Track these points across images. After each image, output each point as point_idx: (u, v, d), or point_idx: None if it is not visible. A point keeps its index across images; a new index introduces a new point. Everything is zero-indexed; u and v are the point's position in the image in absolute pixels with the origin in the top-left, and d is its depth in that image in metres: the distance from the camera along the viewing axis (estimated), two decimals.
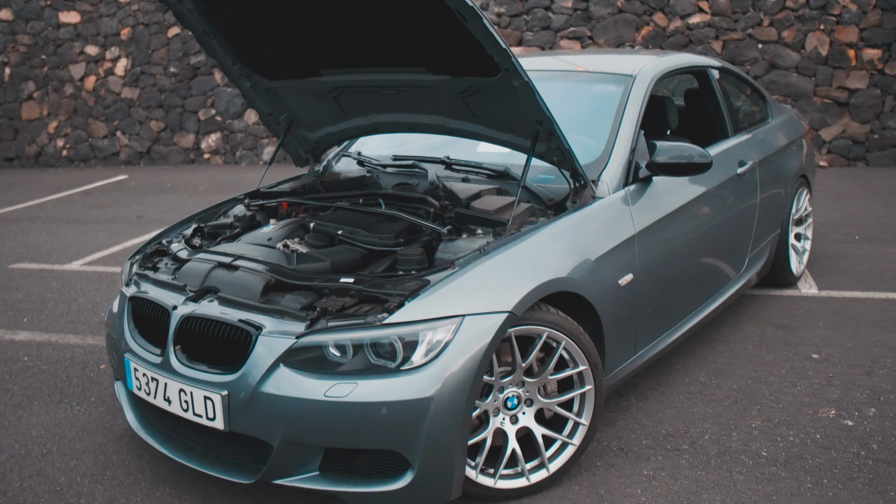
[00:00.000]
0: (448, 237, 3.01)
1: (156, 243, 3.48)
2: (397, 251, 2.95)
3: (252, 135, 11.47)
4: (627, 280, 3.27)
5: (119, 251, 6.87)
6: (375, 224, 3.17)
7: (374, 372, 2.54)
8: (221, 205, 3.86)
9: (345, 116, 3.77)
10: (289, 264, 2.89)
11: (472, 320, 2.60)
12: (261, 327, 2.62)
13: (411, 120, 3.56)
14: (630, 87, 3.82)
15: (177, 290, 2.92)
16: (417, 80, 3.25)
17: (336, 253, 3.01)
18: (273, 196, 3.76)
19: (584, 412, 2.98)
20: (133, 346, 2.98)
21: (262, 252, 3.02)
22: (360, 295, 2.68)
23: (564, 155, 3.17)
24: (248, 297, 2.75)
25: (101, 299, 5.53)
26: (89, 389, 4.04)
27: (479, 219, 3.11)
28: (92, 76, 12.04)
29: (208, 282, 2.90)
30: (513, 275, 2.80)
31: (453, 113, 3.39)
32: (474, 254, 2.83)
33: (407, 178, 3.76)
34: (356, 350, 2.56)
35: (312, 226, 3.22)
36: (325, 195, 3.65)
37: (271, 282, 2.78)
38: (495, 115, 3.27)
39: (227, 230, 3.50)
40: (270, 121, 3.97)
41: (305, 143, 4.08)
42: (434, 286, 2.65)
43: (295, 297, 2.73)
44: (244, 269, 2.86)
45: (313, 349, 2.58)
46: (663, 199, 3.64)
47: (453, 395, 2.53)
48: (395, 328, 2.53)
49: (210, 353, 2.73)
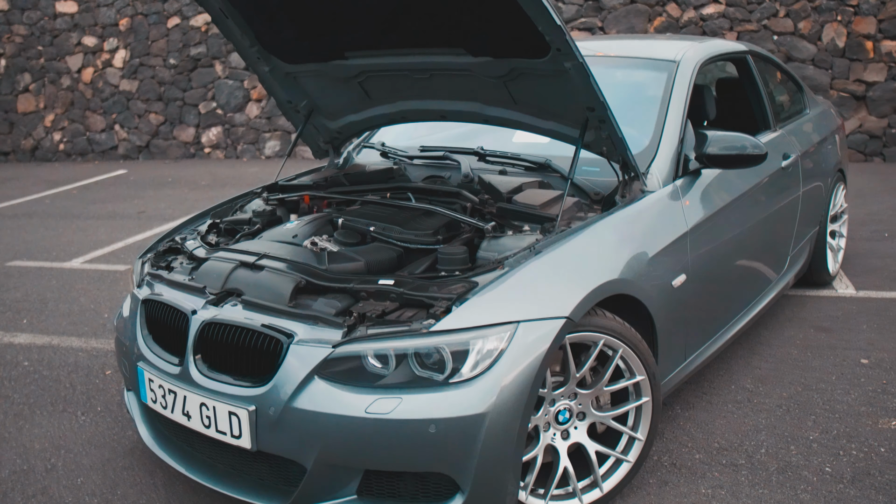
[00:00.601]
0: (492, 234, 2.75)
1: (168, 240, 3.22)
2: (438, 250, 2.69)
3: (254, 128, 11.19)
4: (681, 281, 3.02)
5: (121, 248, 6.60)
6: (410, 220, 2.91)
7: (419, 385, 2.28)
8: (237, 199, 3.60)
9: (370, 104, 3.51)
10: (319, 264, 2.63)
11: (526, 327, 2.34)
12: (292, 335, 2.36)
13: (444, 107, 3.30)
14: (674, 73, 3.56)
15: (195, 293, 2.66)
16: (454, 63, 2.99)
17: (370, 251, 2.75)
18: (293, 190, 3.50)
19: (640, 426, 2.73)
20: (147, 355, 2.72)
21: (289, 250, 2.76)
22: (401, 299, 2.42)
23: (615, 145, 2.91)
24: (276, 300, 2.49)
25: (103, 299, 5.26)
26: (95, 397, 3.77)
27: (523, 214, 2.86)
28: (89, 68, 11.73)
29: (230, 283, 2.64)
30: (568, 276, 2.55)
31: (491, 99, 3.13)
32: (524, 252, 2.57)
33: (437, 170, 3.50)
34: (399, 361, 2.30)
35: (341, 222, 2.96)
36: (350, 189, 3.39)
37: (301, 283, 2.52)
38: (539, 102, 3.01)
39: (245, 226, 3.24)
40: (289, 108, 3.70)
41: (326, 133, 3.81)
42: (483, 289, 2.39)
43: (328, 300, 2.47)
44: (270, 269, 2.60)
45: (351, 359, 2.32)
46: (713, 194, 3.39)
47: (508, 410, 2.28)
48: (443, 336, 2.27)
49: (234, 362, 2.47)
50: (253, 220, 3.25)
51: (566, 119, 3.00)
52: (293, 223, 3.02)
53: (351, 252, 2.72)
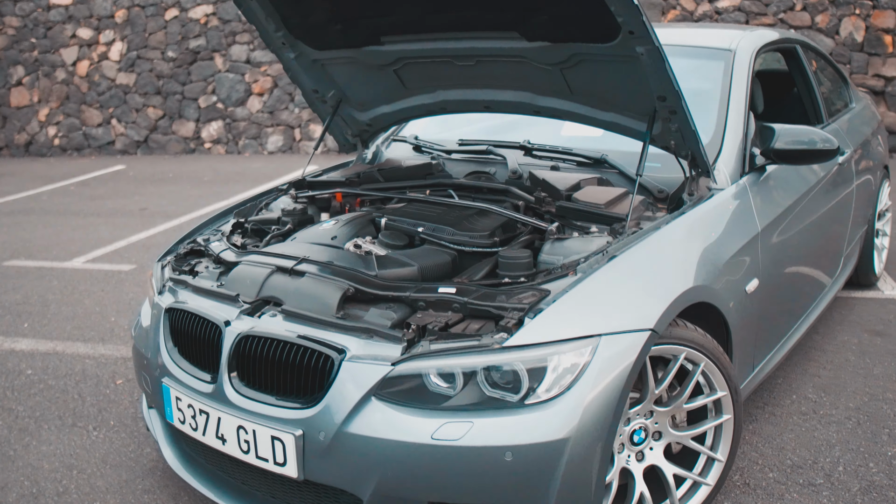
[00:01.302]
0: (556, 236, 2.49)
1: (189, 242, 2.94)
2: (498, 253, 2.42)
3: (256, 123, 10.88)
4: (754, 286, 2.77)
5: (124, 247, 6.31)
6: (461, 220, 2.64)
7: (491, 407, 2.02)
8: (261, 196, 3.32)
9: (406, 93, 3.24)
10: (367, 269, 2.36)
11: (609, 341, 2.08)
12: (344, 350, 2.10)
13: (489, 97, 3.03)
14: (731, 62, 3.30)
15: (227, 301, 2.39)
16: (505, 48, 2.72)
17: (422, 255, 2.48)
18: (323, 186, 3.22)
19: (720, 446, 2.48)
20: (173, 370, 2.44)
21: (330, 254, 2.49)
22: (465, 309, 2.16)
23: (685, 138, 2.65)
24: (322, 310, 2.22)
25: (109, 301, 4.98)
26: (107, 410, 3.49)
27: (588, 214, 2.59)
28: (85, 61, 11.39)
29: (266, 291, 2.37)
30: (647, 283, 2.29)
31: (544, 88, 2.87)
32: (596, 256, 2.31)
33: (480, 165, 3.23)
34: (467, 380, 2.04)
35: (385, 222, 2.69)
36: (385, 186, 3.12)
37: (349, 292, 2.25)
38: (599, 91, 2.75)
39: (274, 226, 2.97)
40: (315, 99, 3.43)
41: (354, 126, 3.54)
42: (557, 298, 2.13)
43: (382, 311, 2.20)
44: (312, 275, 2.33)
45: (411, 378, 2.06)
46: (780, 192, 3.15)
47: (591, 435, 2.02)
48: (518, 352, 2.01)
49: (275, 380, 2.20)
50: (282, 219, 2.97)
51: (630, 110, 2.74)
52: (330, 223, 2.75)
53: (402, 256, 2.45)
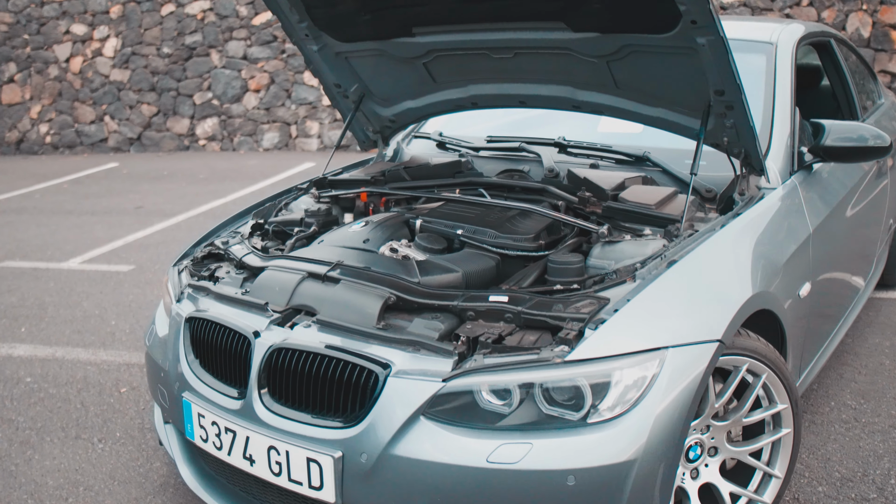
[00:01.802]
0: (607, 238, 2.32)
1: (207, 245, 2.76)
2: (548, 258, 2.26)
3: (251, 120, 10.67)
4: (807, 291, 2.62)
5: (121, 246, 6.10)
6: (502, 222, 2.47)
7: (550, 427, 1.85)
8: (280, 196, 3.14)
9: (434, 88, 3.06)
10: (408, 275, 2.19)
11: (676, 354, 1.92)
12: (388, 365, 1.92)
13: (525, 92, 2.86)
14: (774, 56, 3.14)
15: (255, 310, 2.21)
16: (548, 39, 2.55)
17: (464, 260, 2.31)
18: (346, 185, 3.04)
19: (777, 462, 2.32)
20: (195, 384, 2.26)
21: (364, 259, 2.32)
22: (518, 319, 1.99)
23: (740, 135, 2.49)
24: (361, 321, 2.05)
25: (108, 304, 4.78)
26: (112, 420, 3.30)
27: (636, 215, 2.43)
28: (78, 57, 11.14)
29: (297, 299, 2.19)
30: (709, 290, 2.13)
31: (587, 82, 2.70)
32: (654, 261, 2.14)
33: (513, 163, 3.06)
34: (523, 396, 1.87)
35: (420, 224, 2.52)
36: (414, 184, 2.95)
37: (390, 300, 2.08)
38: (647, 85, 2.58)
39: (297, 228, 2.79)
40: (336, 93, 3.25)
41: (376, 121, 3.36)
42: (618, 307, 1.96)
43: (428, 321, 2.03)
44: (348, 281, 2.15)
45: (462, 395, 1.88)
46: (828, 192, 3.00)
47: (658, 455, 1.85)
48: (581, 367, 1.84)
49: (310, 396, 2.02)
50: (306, 220, 2.79)
51: (679, 105, 2.57)
52: (360, 225, 2.57)
53: (445, 261, 2.28)
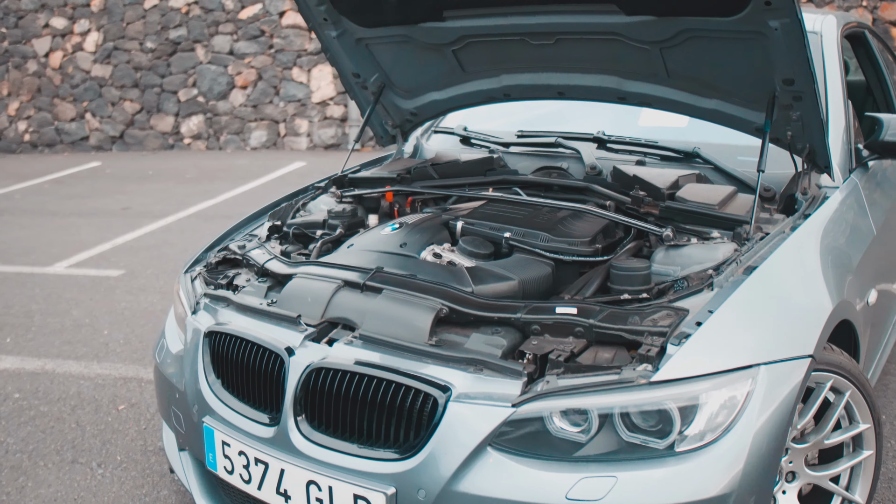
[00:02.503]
0: (673, 242, 2.11)
1: (220, 249, 2.51)
2: (610, 263, 2.04)
3: (238, 117, 10.38)
4: (874, 298, 2.43)
5: (109, 250, 5.81)
6: (553, 224, 2.25)
7: (633, 456, 1.63)
8: (296, 195, 2.90)
9: (463, 78, 2.83)
10: (459, 284, 1.96)
11: (769, 372, 1.71)
12: (448, 387, 1.69)
13: (565, 82, 2.63)
14: (821, 46, 2.94)
15: (285, 324, 1.97)
16: (595, 24, 2.33)
17: (518, 266, 2.08)
18: (370, 184, 2.81)
19: (858, 487, 2.11)
20: (217, 408, 2.01)
21: (404, 265, 2.08)
22: (590, 334, 1.77)
23: (806, 129, 2.29)
24: (411, 336, 1.82)
25: (99, 311, 4.50)
26: (111, 442, 3.04)
27: (700, 216, 2.21)
28: (58, 52, 10.79)
29: (333, 311, 1.96)
30: (796, 300, 1.93)
31: (635, 71, 2.48)
32: (730, 268, 1.93)
33: (549, 160, 2.84)
34: (601, 422, 1.65)
35: (461, 226, 2.29)
36: (443, 183, 2.73)
37: (442, 312, 1.85)
38: (703, 74, 2.37)
39: (320, 230, 2.55)
40: (354, 84, 3.01)
41: (397, 115, 3.12)
42: (702, 319, 1.75)
43: (487, 337, 1.80)
44: (391, 291, 1.92)
45: (531, 421, 1.66)
46: (884, 190, 2.81)
47: (754, 486, 1.65)
48: (669, 388, 1.63)
49: (356, 424, 1.79)
50: (329, 222, 2.56)
51: (737, 96, 2.36)
52: (393, 227, 2.33)
53: (498, 268, 2.05)
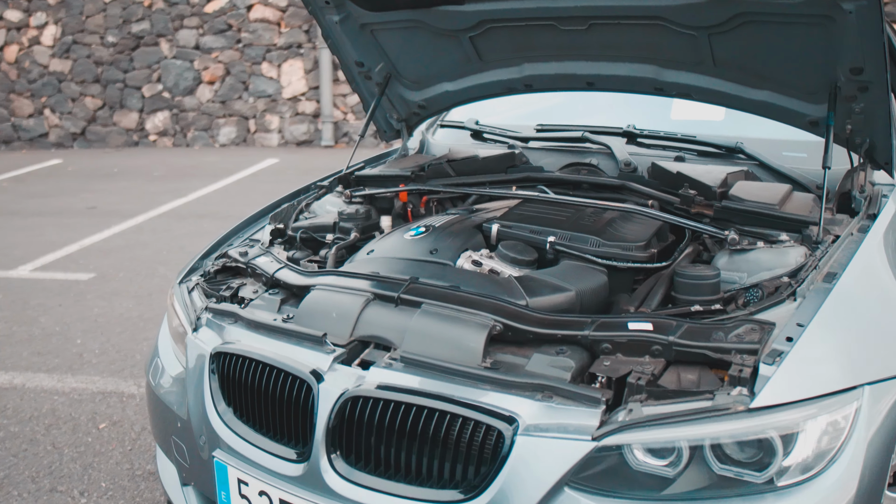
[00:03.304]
0: (740, 246, 1.90)
1: (219, 256, 2.25)
2: (674, 270, 1.83)
3: (206, 113, 10.02)
4: None
5: (77, 251, 5.47)
6: (603, 226, 2.03)
7: (729, 493, 1.42)
8: (297, 195, 2.65)
9: (480, 67, 2.60)
10: (510, 296, 1.72)
11: (874, 392, 1.51)
12: (514, 418, 1.46)
13: (596, 71, 2.42)
14: None
15: (308, 343, 1.72)
16: (637, 7, 2.12)
17: (571, 275, 1.85)
18: (380, 182, 2.57)
19: None
20: (231, 441, 1.76)
21: (442, 274, 1.85)
22: (668, 352, 1.55)
23: (870, 122, 2.10)
24: (461, 358, 1.58)
25: (71, 318, 4.19)
26: (94, 467, 2.76)
27: (762, 217, 2.01)
28: (13, 45, 10.30)
29: (364, 328, 1.72)
30: (889, 310, 1.73)
31: (677, 60, 2.28)
32: (810, 275, 1.73)
33: (574, 155, 2.63)
34: (692, 455, 1.44)
35: (497, 230, 2.06)
36: (463, 181, 2.50)
37: (496, 329, 1.62)
38: (755, 63, 2.17)
39: (332, 234, 2.31)
40: (358, 74, 2.76)
41: (403, 108, 2.88)
42: (794, 335, 1.54)
43: (552, 357, 1.58)
44: (432, 305, 1.69)
45: (610, 455, 1.44)
46: None
47: None
48: (769, 415, 1.42)
49: (403, 460, 1.55)
50: (341, 225, 2.31)
51: (792, 87, 2.17)
52: (419, 231, 2.09)
53: (553, 277, 1.82)
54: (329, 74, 9.50)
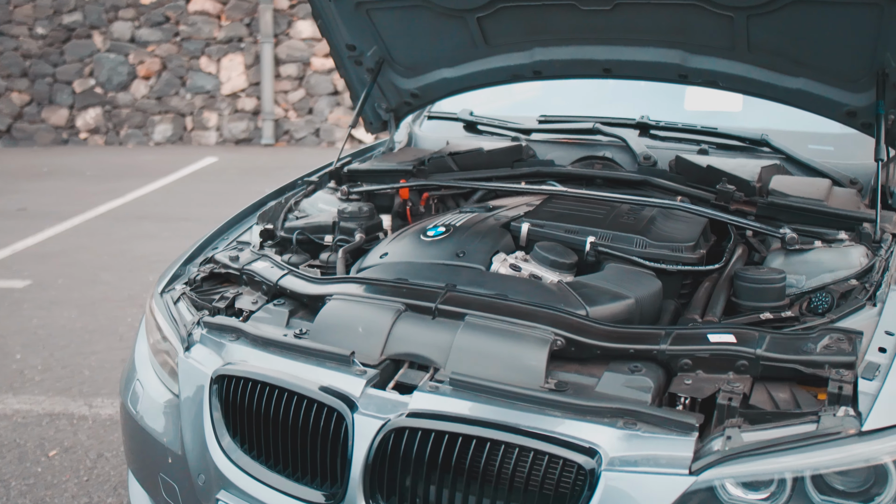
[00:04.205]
0: (795, 246, 1.73)
1: (205, 261, 1.97)
2: (737, 274, 1.64)
3: (140, 110, 9.55)
4: None
5: (9, 256, 5.04)
6: (646, 225, 1.84)
7: None
8: (282, 192, 2.38)
9: (485, 52, 2.38)
10: (568, 305, 1.51)
11: None
12: (595, 450, 1.24)
13: (616, 57, 2.22)
14: None
15: (332, 364, 1.47)
16: None
17: (623, 280, 1.64)
18: (376, 177, 2.33)
19: None
20: (239, 481, 1.48)
21: (477, 280, 1.62)
22: (755, 368, 1.36)
23: None
24: (520, 378, 1.36)
25: (7, 331, 3.80)
26: (46, 501, 2.44)
27: (811, 214, 1.85)
28: None
29: (397, 345, 1.48)
30: None
31: (707, 45, 2.10)
32: (885, 276, 1.57)
33: (587, 149, 2.43)
34: (794, 487, 1.25)
35: (527, 229, 1.84)
36: (469, 176, 2.28)
37: (557, 344, 1.40)
38: (795, 47, 2.01)
39: (332, 235, 2.05)
40: (348, 59, 2.52)
41: (394, 96, 2.64)
42: (883, 345, 1.38)
43: (626, 376, 1.37)
44: (478, 318, 1.46)
45: (701, 491, 1.24)
46: None
47: None
48: (882, 438, 1.23)
49: (451, 500, 1.31)
50: (342, 225, 2.05)
51: (832, 74, 2.02)
52: (438, 231, 1.86)
53: (609, 284, 1.61)
54: (270, 70, 9.16)
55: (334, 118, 9.32)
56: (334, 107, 9.36)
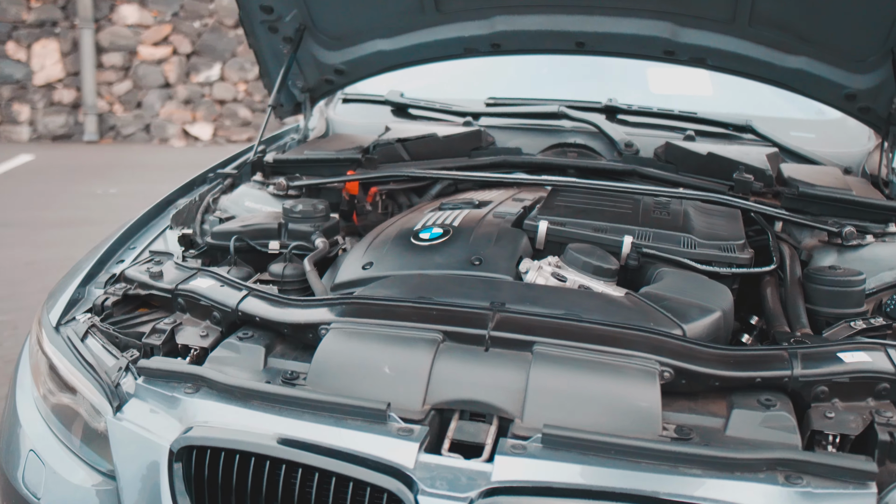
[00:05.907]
0: (853, 241, 1.52)
1: (112, 280, 1.47)
2: (807, 274, 1.39)
3: None
4: None
5: None
6: (682, 223, 1.55)
7: None
8: (190, 187, 1.89)
9: (435, 20, 2.02)
10: (656, 324, 1.17)
11: None
12: None
13: (592, 28, 1.93)
14: None
15: (358, 421, 1.05)
16: None
17: (692, 288, 1.33)
18: (311, 168, 1.90)
19: None
20: None
21: (535, 297, 1.25)
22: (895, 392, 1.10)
23: None
24: (633, 425, 1.02)
25: None
26: None
27: (844, 204, 1.65)
28: None
29: (443, 389, 1.09)
30: None
31: (701, 17, 1.86)
32: None
33: (552, 136, 2.13)
34: None
35: (545, 227, 1.49)
36: (430, 166, 1.91)
37: (664, 377, 1.07)
38: (801, 21, 1.82)
39: (280, 241, 1.61)
40: (260, 24, 2.06)
41: (313, 73, 2.21)
42: None
43: (762, 413, 1.06)
44: (549, 347, 1.10)
45: None
46: None
47: None
48: None
49: None
50: (293, 227, 1.61)
51: (837, 52, 1.84)
52: (435, 234, 1.47)
53: (673, 293, 1.28)
54: (91, 58, 8.22)
55: (167, 113, 8.53)
56: (166, 100, 8.56)
